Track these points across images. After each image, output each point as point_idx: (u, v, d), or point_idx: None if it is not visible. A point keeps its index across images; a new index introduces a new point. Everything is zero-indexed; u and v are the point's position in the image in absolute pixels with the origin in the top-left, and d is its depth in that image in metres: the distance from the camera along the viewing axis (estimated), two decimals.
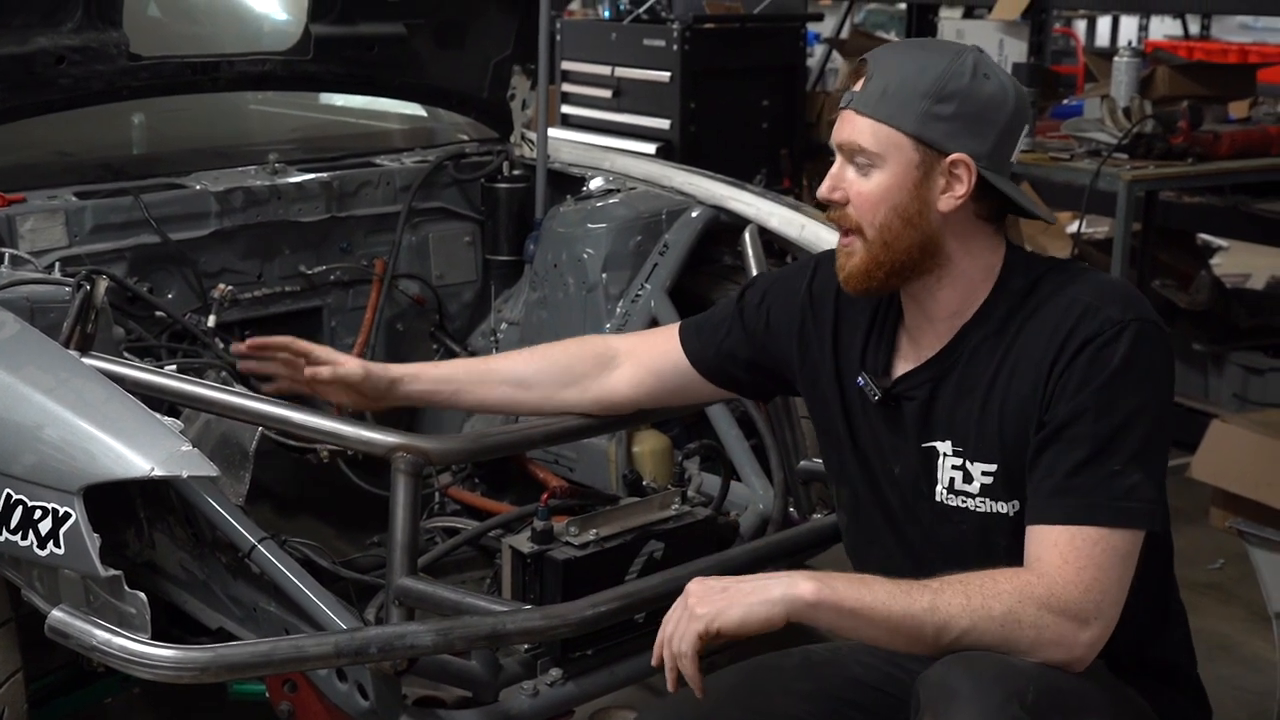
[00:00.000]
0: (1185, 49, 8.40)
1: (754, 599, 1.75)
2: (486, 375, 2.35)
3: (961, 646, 1.74)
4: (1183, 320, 5.38)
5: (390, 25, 3.63)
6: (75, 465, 2.06)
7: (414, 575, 2.23)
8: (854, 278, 1.96)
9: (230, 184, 3.41)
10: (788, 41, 5.82)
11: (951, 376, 1.96)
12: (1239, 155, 4.47)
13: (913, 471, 1.99)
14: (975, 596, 1.74)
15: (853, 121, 1.92)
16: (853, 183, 1.93)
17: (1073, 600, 1.75)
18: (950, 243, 1.92)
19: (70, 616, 1.91)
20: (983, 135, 1.89)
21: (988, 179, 1.89)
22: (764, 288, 2.26)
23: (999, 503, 1.91)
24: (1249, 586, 2.94)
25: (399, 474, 2.23)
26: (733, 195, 3.46)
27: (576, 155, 3.93)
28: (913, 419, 1.98)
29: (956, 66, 1.88)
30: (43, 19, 3.08)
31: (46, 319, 2.51)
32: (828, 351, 2.11)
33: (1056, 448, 1.82)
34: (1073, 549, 1.77)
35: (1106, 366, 1.81)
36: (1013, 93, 1.92)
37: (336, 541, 3.26)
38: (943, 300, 1.96)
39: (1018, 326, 1.91)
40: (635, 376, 2.33)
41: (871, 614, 1.74)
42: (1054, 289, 1.91)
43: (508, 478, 3.38)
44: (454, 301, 3.84)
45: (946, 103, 1.87)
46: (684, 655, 1.75)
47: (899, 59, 1.93)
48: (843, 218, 1.95)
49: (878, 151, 1.89)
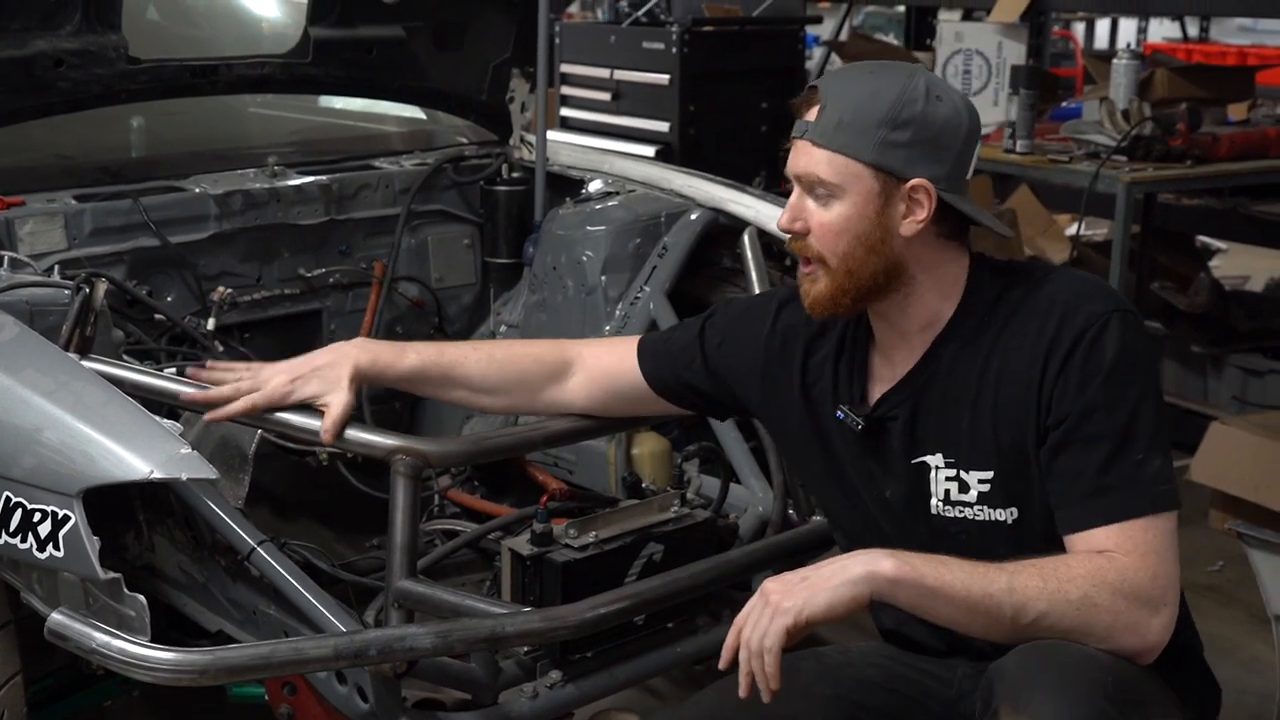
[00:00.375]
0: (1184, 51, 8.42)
1: (837, 581, 1.74)
2: (448, 377, 2.31)
3: (1038, 630, 1.74)
4: (1182, 322, 5.39)
5: (389, 28, 3.63)
6: (74, 468, 2.06)
7: (413, 578, 2.24)
8: (819, 304, 1.96)
9: (229, 187, 3.41)
10: (787, 44, 5.82)
11: (931, 389, 1.96)
12: (1238, 157, 4.48)
13: (905, 490, 1.99)
14: (1051, 580, 1.75)
15: (809, 153, 1.92)
16: (813, 213, 1.93)
17: (1143, 586, 1.76)
18: (913, 264, 1.93)
19: (69, 619, 1.91)
20: (940, 159, 1.90)
21: (947, 200, 1.90)
22: (724, 328, 2.25)
23: (997, 510, 1.91)
24: (1248, 588, 2.94)
25: (398, 476, 2.23)
26: (732, 198, 3.46)
27: (575, 158, 3.93)
28: (899, 438, 1.99)
29: (910, 92, 1.88)
30: (41, 22, 3.07)
31: (46, 322, 2.51)
32: (796, 392, 2.11)
33: (1075, 450, 1.82)
34: (1130, 542, 1.78)
35: (1103, 360, 1.82)
36: (965, 113, 1.93)
37: (336, 544, 3.26)
38: (913, 314, 1.97)
39: (995, 332, 1.92)
40: (587, 389, 2.33)
41: (951, 593, 1.74)
42: (1026, 292, 1.93)
43: (507, 480, 3.38)
44: (453, 304, 3.84)
45: (903, 129, 1.88)
46: (770, 651, 1.74)
47: (851, 86, 1.93)
48: (804, 248, 1.96)
49: (837, 182, 1.90)
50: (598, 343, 2.48)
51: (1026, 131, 4.60)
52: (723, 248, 3.47)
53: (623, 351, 2.32)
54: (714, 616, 2.64)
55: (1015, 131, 4.62)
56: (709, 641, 2.60)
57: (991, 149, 4.75)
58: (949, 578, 1.75)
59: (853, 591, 1.74)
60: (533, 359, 2.34)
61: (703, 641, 2.59)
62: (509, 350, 2.40)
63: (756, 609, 1.78)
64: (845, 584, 1.74)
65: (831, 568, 1.77)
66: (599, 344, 2.44)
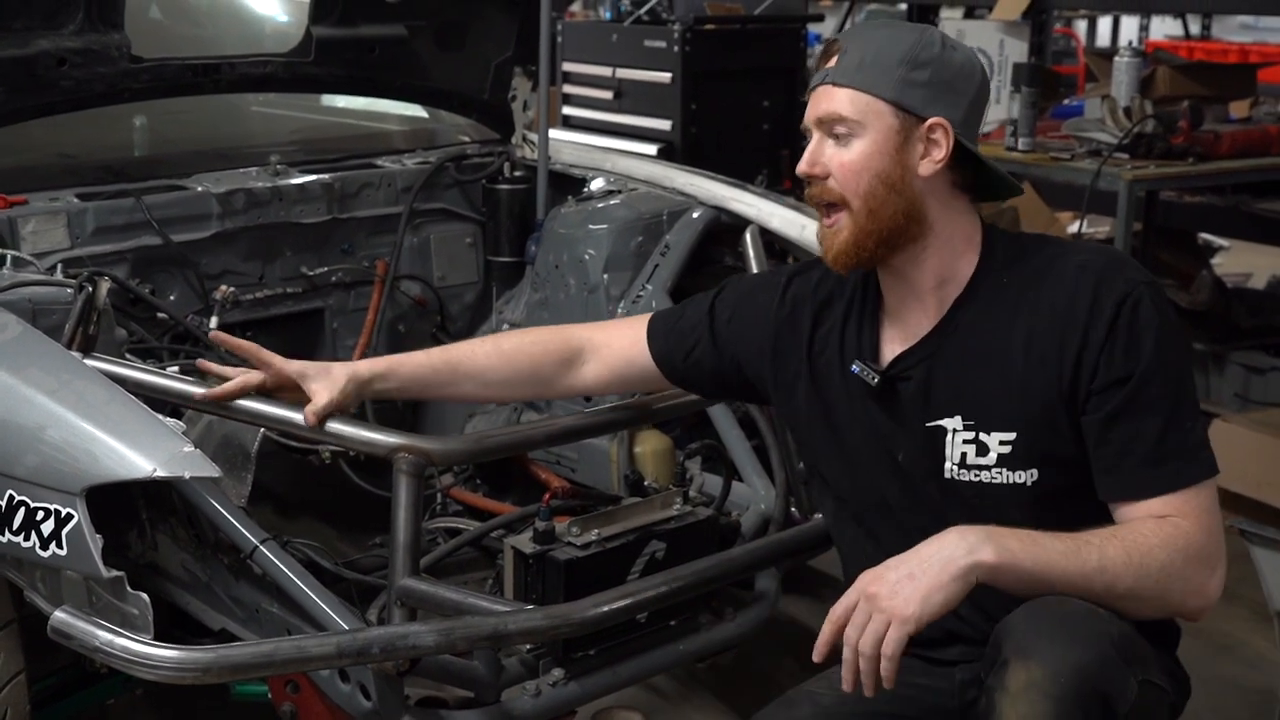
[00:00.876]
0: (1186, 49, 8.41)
1: (946, 578, 1.73)
2: (454, 376, 2.34)
3: (1120, 600, 1.78)
4: (1184, 320, 5.38)
5: (391, 27, 3.64)
6: (78, 466, 2.06)
7: (416, 576, 2.24)
8: (844, 254, 1.97)
9: (232, 185, 3.41)
10: (788, 42, 5.81)
11: (948, 352, 1.97)
12: (1240, 155, 4.48)
13: (917, 453, 1.99)
14: (1134, 553, 1.78)
15: (830, 94, 1.96)
16: (833, 155, 1.96)
17: (1206, 548, 1.82)
18: (933, 208, 1.96)
19: (73, 617, 1.91)
20: (956, 103, 1.94)
21: (963, 144, 1.93)
22: (734, 303, 2.27)
23: (1016, 472, 1.92)
24: (1251, 586, 2.94)
25: (401, 475, 2.23)
26: (734, 196, 3.46)
27: (578, 156, 3.93)
28: (911, 400, 2.00)
29: (926, 38, 1.95)
30: (44, 21, 3.08)
31: (49, 321, 2.51)
32: (804, 362, 2.12)
33: (1132, 417, 1.85)
34: (1189, 506, 1.83)
35: (1150, 327, 1.85)
36: (978, 65, 2.00)
37: (338, 542, 3.26)
38: (929, 269, 1.98)
39: (1017, 295, 1.94)
40: (600, 375, 2.36)
41: (1049, 575, 1.76)
42: (1050, 257, 1.96)
43: (509, 478, 3.38)
44: (455, 303, 3.84)
45: (921, 69, 1.92)
46: (891, 659, 1.72)
47: (870, 34, 2.00)
48: (825, 191, 1.97)
49: (858, 119, 1.93)
50: (607, 326, 2.48)
51: (1028, 129, 4.60)
52: (725, 246, 3.47)
53: (633, 335, 2.35)
54: (717, 614, 2.65)
55: (1017, 129, 4.62)
56: (712, 639, 2.60)
57: (994, 147, 4.75)
58: (1045, 560, 1.76)
59: (963, 585, 1.74)
60: (541, 348, 2.35)
61: (705, 639, 2.59)
62: (516, 341, 2.40)
63: (863, 612, 1.75)
64: (955, 579, 1.73)
65: (930, 561, 1.75)
66: (608, 328, 2.45)
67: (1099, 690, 1.68)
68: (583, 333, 2.40)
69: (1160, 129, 4.41)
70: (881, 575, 1.77)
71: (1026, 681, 1.68)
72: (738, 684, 3.21)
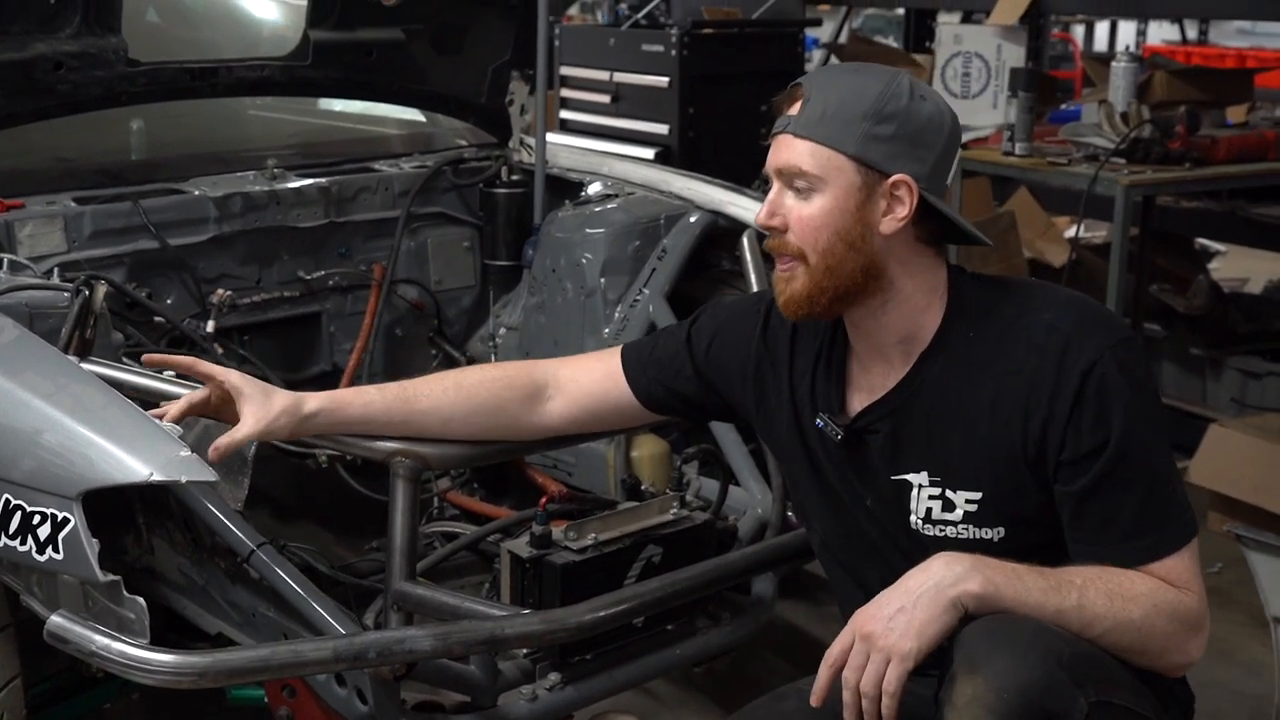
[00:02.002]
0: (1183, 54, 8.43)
1: (937, 609, 1.73)
2: (409, 414, 2.19)
3: (1097, 643, 1.76)
4: (1180, 325, 5.39)
5: (389, 31, 3.64)
6: (74, 470, 2.06)
7: (413, 580, 2.24)
8: (795, 303, 1.93)
9: (229, 189, 3.41)
10: (786, 47, 5.82)
11: (915, 407, 1.94)
12: (1236, 160, 4.48)
13: (885, 503, 1.98)
14: (1116, 599, 1.77)
15: (791, 145, 1.90)
16: (792, 208, 1.91)
17: (1193, 610, 1.82)
18: (893, 266, 1.91)
19: (69, 621, 1.91)
20: (921, 158, 1.88)
21: (928, 200, 1.88)
22: (712, 330, 2.21)
23: (984, 529, 1.90)
24: (1247, 590, 2.94)
25: (398, 479, 2.23)
26: (731, 200, 3.46)
27: (575, 160, 3.94)
28: (880, 453, 1.97)
29: (894, 88, 1.87)
30: (41, 25, 3.08)
31: (45, 324, 2.51)
32: (785, 396, 2.09)
33: (1109, 492, 1.82)
34: (1173, 573, 1.82)
35: (1118, 397, 1.82)
36: (948, 115, 1.92)
37: (335, 547, 3.27)
38: (889, 325, 1.94)
39: (987, 354, 1.90)
40: (568, 411, 2.26)
41: (1025, 610, 1.75)
42: (1018, 313, 1.91)
43: (506, 483, 3.38)
44: (452, 306, 3.84)
45: (886, 123, 1.86)
46: (893, 696, 1.72)
47: (835, 82, 1.92)
48: (783, 245, 1.93)
49: (819, 174, 1.88)
50: (573, 363, 2.35)
51: (1025, 134, 4.60)
52: (722, 250, 3.47)
53: (605, 370, 2.26)
54: (713, 619, 2.64)
55: (1014, 134, 4.62)
56: (708, 644, 2.60)
57: (990, 152, 4.75)
58: (1025, 597, 1.75)
59: (954, 616, 1.74)
60: (504, 384, 2.24)
61: (702, 644, 2.59)
62: (478, 376, 2.26)
63: (860, 653, 1.75)
64: (945, 611, 1.74)
65: (926, 593, 1.75)
66: (575, 364, 2.33)
67: (1044, 708, 1.66)
68: (549, 368, 2.29)
69: (1157, 134, 4.41)
70: (874, 614, 1.76)
71: (971, 696, 1.68)
72: (734, 688, 3.20)
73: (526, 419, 2.25)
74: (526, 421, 2.26)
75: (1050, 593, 1.76)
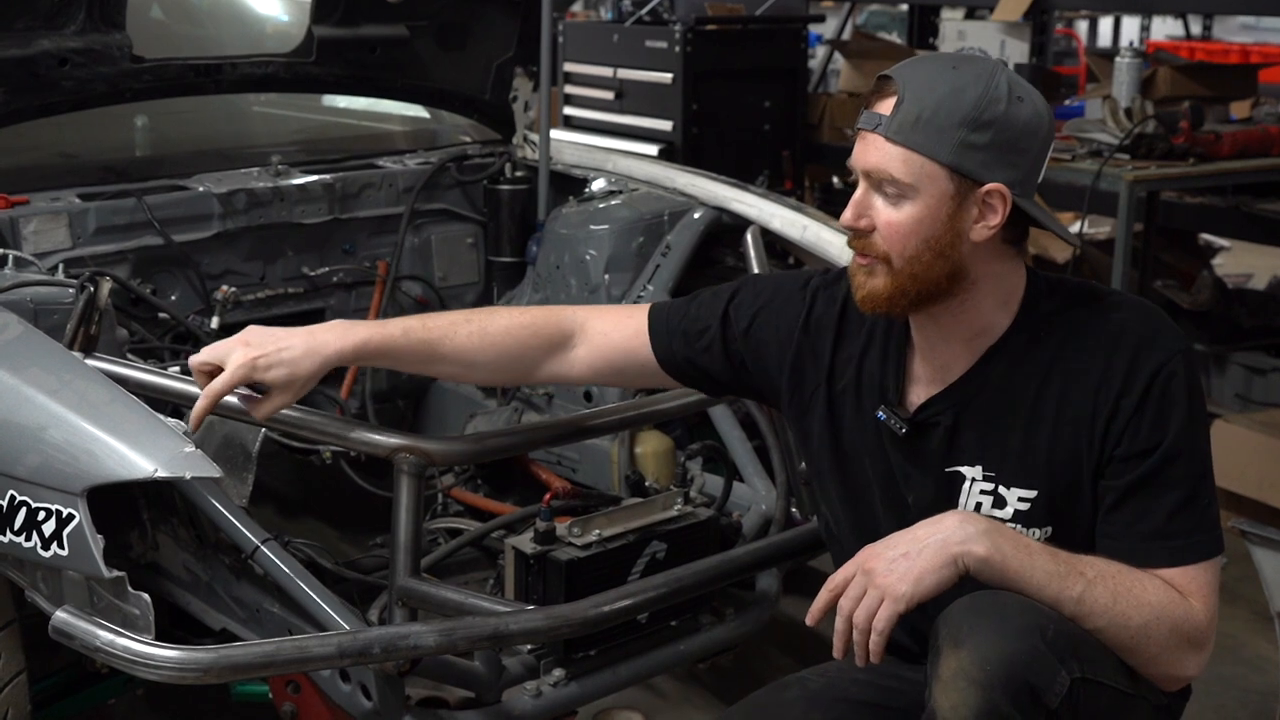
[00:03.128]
0: (1187, 49, 8.41)
1: (937, 562, 1.75)
2: (433, 355, 2.16)
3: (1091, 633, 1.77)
4: (1185, 320, 5.38)
5: (393, 27, 3.64)
6: (79, 467, 2.06)
7: (417, 576, 2.24)
8: (874, 300, 1.89)
9: (233, 186, 3.41)
10: (789, 43, 5.82)
11: (978, 401, 1.93)
12: (1240, 155, 4.48)
13: (929, 498, 1.96)
14: (1120, 601, 1.77)
15: (882, 148, 1.83)
16: (880, 211, 1.85)
17: (1199, 627, 1.81)
18: (977, 268, 1.87)
19: (74, 617, 1.91)
20: (1016, 164, 1.82)
21: (1021, 206, 1.84)
22: (753, 310, 2.15)
23: (1031, 529, 1.89)
24: (1252, 586, 2.94)
25: (402, 475, 2.23)
26: (735, 196, 3.46)
27: (579, 157, 3.94)
28: (937, 444, 1.95)
29: (993, 91, 1.80)
30: (46, 21, 3.08)
31: (50, 321, 2.51)
32: (822, 387, 2.07)
33: (1152, 490, 1.82)
34: (1194, 584, 1.81)
35: (1180, 402, 1.82)
36: (1046, 117, 1.86)
37: (339, 543, 3.27)
38: (965, 321, 1.92)
39: (1054, 352, 1.89)
40: (592, 362, 2.22)
41: (1026, 586, 1.76)
42: (1089, 315, 1.90)
43: (510, 479, 3.38)
44: (456, 303, 3.84)
45: (983, 131, 1.79)
46: (881, 634, 1.75)
47: (932, 81, 1.82)
48: (868, 246, 1.87)
49: (911, 182, 1.81)
50: (603, 314, 2.29)
51: None
52: (726, 246, 3.47)
53: (634, 327, 2.20)
54: (717, 615, 2.65)
55: None
56: (712, 639, 2.61)
57: None
58: (1027, 574, 1.76)
59: (953, 571, 1.75)
60: (531, 331, 2.19)
61: (706, 640, 2.60)
62: (505, 322, 2.20)
63: (858, 585, 1.77)
64: (946, 565, 1.75)
65: (931, 544, 1.76)
66: (605, 316, 2.27)
67: (1026, 680, 1.67)
68: (578, 316, 2.23)
69: (1161, 129, 4.41)
70: (880, 552, 1.78)
71: (955, 668, 1.69)
72: (738, 684, 3.21)
73: (549, 367, 2.23)
74: (548, 369, 2.23)
75: (1055, 578, 1.76)
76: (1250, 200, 5.45)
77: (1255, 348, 5.16)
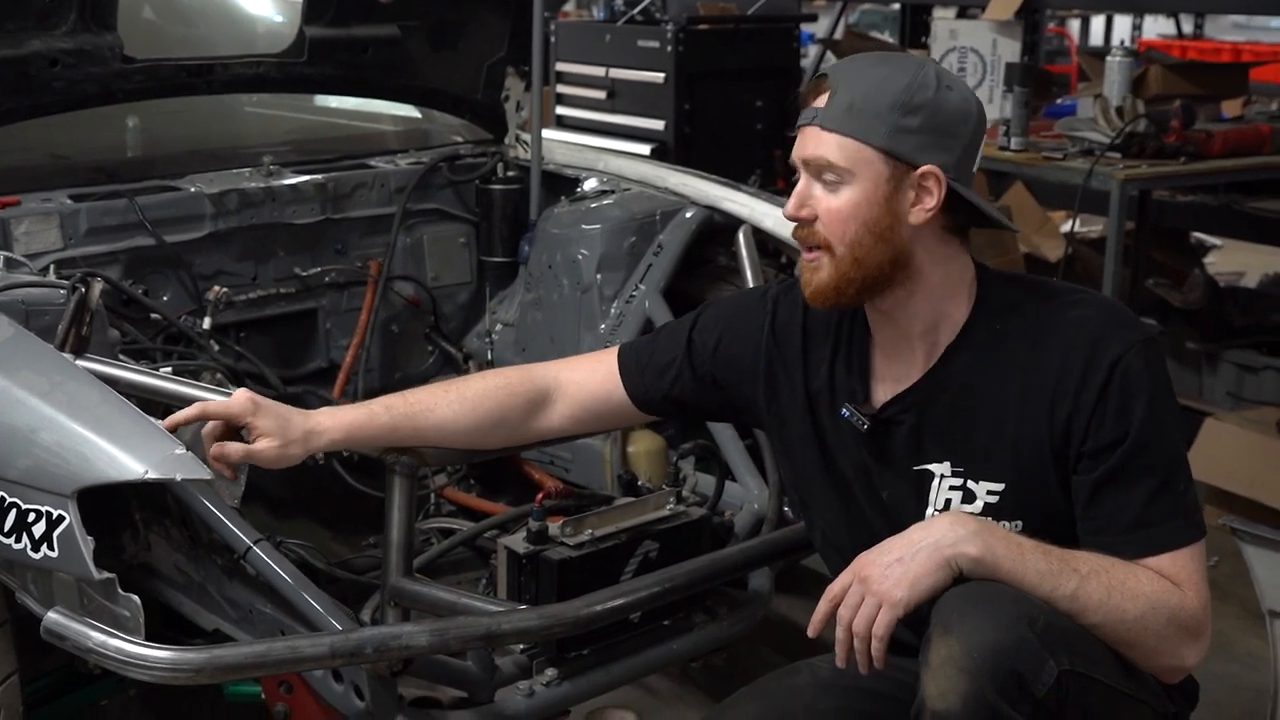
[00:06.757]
0: (1178, 48, 8.42)
1: (932, 565, 1.77)
2: (415, 433, 2.19)
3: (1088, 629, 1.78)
4: (1176, 319, 5.39)
5: (384, 27, 3.64)
6: (69, 468, 2.06)
7: (409, 576, 2.24)
8: (822, 293, 1.94)
9: (225, 186, 3.41)
10: (782, 42, 5.82)
11: (941, 398, 1.96)
12: (1232, 154, 4.48)
13: (902, 494, 1.99)
14: (1115, 595, 1.78)
15: (818, 137, 1.90)
16: (820, 199, 1.92)
17: (1194, 615, 1.82)
18: (920, 255, 1.92)
19: (66, 619, 1.91)
20: (949, 148, 1.89)
21: (956, 190, 1.89)
22: (718, 329, 2.19)
23: (1001, 522, 1.91)
24: (1243, 584, 2.95)
25: (394, 475, 2.23)
26: (727, 196, 3.46)
27: (571, 156, 3.94)
28: (902, 443, 1.99)
29: (921, 78, 1.88)
30: (37, 22, 3.07)
31: (41, 322, 2.50)
32: (799, 389, 2.10)
33: (1125, 482, 1.84)
34: (1181, 571, 1.83)
35: (1141, 391, 1.84)
36: (975, 104, 1.94)
37: (332, 543, 3.26)
38: (916, 313, 1.96)
39: (1014, 348, 1.92)
40: (571, 414, 2.26)
41: (1019, 585, 1.77)
42: (1047, 309, 1.93)
43: (503, 479, 3.38)
44: (449, 303, 3.84)
45: (914, 115, 1.86)
46: (881, 640, 1.77)
47: (862, 73, 1.92)
48: (811, 235, 1.94)
49: (847, 167, 1.88)
50: (574, 365, 2.33)
51: (1021, 129, 4.61)
52: (718, 246, 3.47)
53: (604, 372, 2.25)
54: (710, 614, 2.65)
55: (1010, 129, 4.63)
56: (705, 639, 2.61)
57: (986, 146, 4.73)
58: (1019, 573, 1.77)
59: (947, 574, 1.77)
60: (507, 392, 2.22)
61: (699, 639, 2.60)
62: (480, 386, 2.24)
63: (855, 594, 1.79)
64: (940, 568, 1.77)
65: (924, 548, 1.78)
66: (577, 367, 2.32)
67: (1014, 669, 1.69)
68: (550, 372, 2.28)
69: (1153, 128, 4.41)
70: (875, 559, 1.80)
71: (945, 656, 1.71)
72: (731, 683, 3.21)
73: (530, 425, 2.26)
74: (530, 427, 2.26)
75: (1048, 576, 1.77)
76: (1242, 199, 5.46)
77: (1247, 346, 5.16)
